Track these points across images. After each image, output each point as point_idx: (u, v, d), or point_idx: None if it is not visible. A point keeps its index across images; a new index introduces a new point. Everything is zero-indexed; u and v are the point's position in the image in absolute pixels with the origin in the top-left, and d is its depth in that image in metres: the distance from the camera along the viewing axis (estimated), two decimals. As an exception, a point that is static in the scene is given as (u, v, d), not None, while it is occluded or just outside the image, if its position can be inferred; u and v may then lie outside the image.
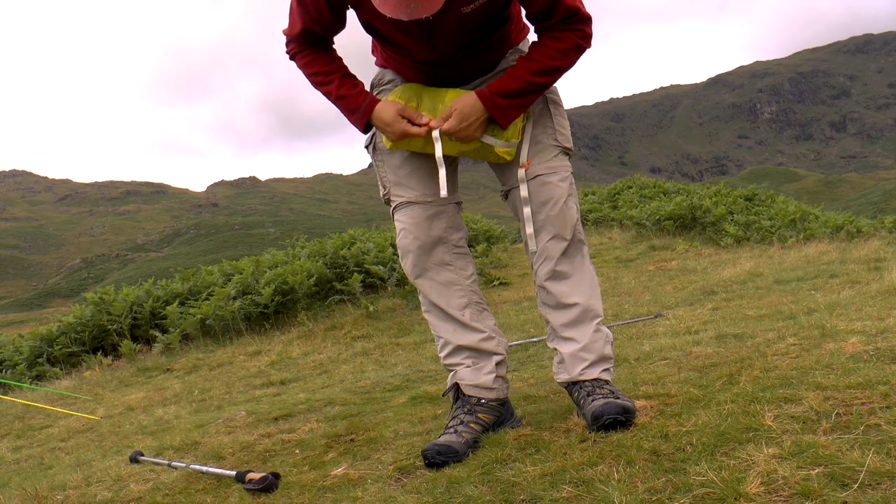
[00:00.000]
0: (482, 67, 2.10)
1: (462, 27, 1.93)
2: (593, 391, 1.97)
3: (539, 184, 2.06)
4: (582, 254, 2.09)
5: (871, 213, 29.99)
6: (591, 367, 2.02)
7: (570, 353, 2.03)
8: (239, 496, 1.97)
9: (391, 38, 2.01)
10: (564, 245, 2.05)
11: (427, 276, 2.11)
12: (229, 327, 6.72)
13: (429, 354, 4.52)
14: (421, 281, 2.12)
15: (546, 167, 2.07)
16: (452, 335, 2.10)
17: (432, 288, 2.10)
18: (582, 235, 2.11)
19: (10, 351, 7.34)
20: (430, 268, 2.10)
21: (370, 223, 12.93)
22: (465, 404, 2.06)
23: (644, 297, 5.62)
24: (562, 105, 2.20)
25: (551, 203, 2.04)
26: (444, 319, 2.10)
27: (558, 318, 2.07)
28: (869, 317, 2.98)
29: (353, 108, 2.03)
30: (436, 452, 1.87)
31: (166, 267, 61.03)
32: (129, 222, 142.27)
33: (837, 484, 1.34)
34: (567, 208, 2.05)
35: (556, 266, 2.05)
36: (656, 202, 12.11)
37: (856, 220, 9.80)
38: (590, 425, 1.88)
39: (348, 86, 2.04)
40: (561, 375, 2.07)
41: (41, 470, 3.21)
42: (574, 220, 2.07)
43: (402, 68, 2.15)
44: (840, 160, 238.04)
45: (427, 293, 2.12)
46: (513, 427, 2.06)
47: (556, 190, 2.05)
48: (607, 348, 2.06)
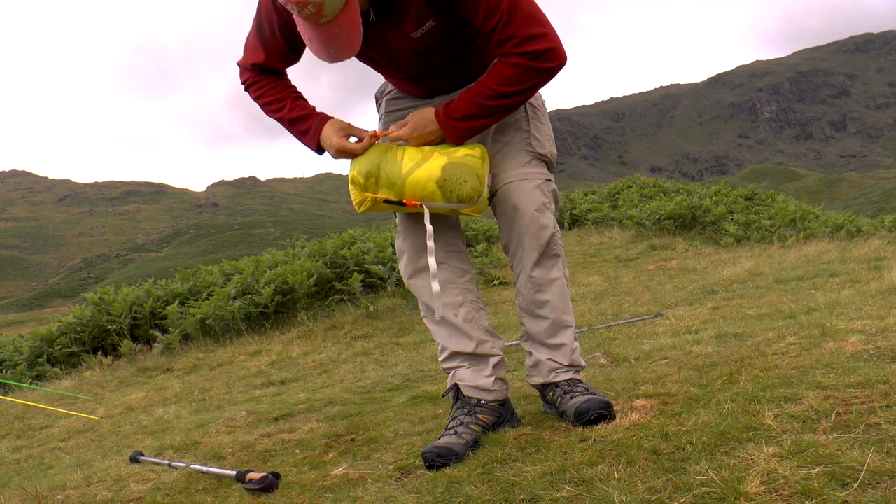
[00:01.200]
0: (470, 78, 2.07)
1: (421, 50, 1.95)
2: (570, 390, 2.03)
3: (511, 190, 2.02)
4: (556, 267, 2.07)
5: (871, 212, 30.00)
6: (564, 371, 2.08)
7: (544, 360, 2.09)
8: (239, 496, 1.97)
9: (364, 63, 2.07)
10: (536, 256, 2.04)
11: (420, 275, 2.12)
12: (229, 327, 6.72)
13: (429, 354, 4.52)
14: (414, 281, 2.14)
15: (518, 173, 2.03)
16: (448, 341, 2.11)
17: (425, 288, 2.11)
18: (556, 250, 2.06)
19: (10, 351, 7.33)
20: (423, 268, 2.10)
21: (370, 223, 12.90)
22: (464, 405, 2.06)
23: (644, 296, 5.62)
24: (541, 109, 2.15)
25: (520, 213, 2.01)
26: (440, 324, 2.11)
27: (532, 325, 2.11)
28: (869, 316, 2.98)
29: (304, 129, 2.04)
30: (436, 455, 1.87)
31: (166, 267, 61.03)
32: (129, 222, 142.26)
33: (837, 483, 1.34)
34: (539, 219, 2.00)
35: (530, 273, 2.06)
36: (656, 202, 12.11)
37: (856, 219, 9.80)
38: (573, 421, 1.93)
39: (298, 109, 2.04)
40: (535, 378, 2.13)
41: (41, 470, 3.21)
42: (548, 233, 2.02)
43: (396, 83, 2.19)
44: (840, 159, 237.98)
45: (421, 294, 2.13)
46: (513, 427, 2.06)
47: (527, 199, 2.01)
48: (577, 356, 2.11)
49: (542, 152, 2.09)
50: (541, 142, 2.09)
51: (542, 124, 2.13)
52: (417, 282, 2.12)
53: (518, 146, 2.07)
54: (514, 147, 2.07)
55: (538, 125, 2.11)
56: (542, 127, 2.12)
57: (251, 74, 2.08)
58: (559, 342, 2.08)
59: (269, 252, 8.72)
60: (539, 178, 2.05)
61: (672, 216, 10.55)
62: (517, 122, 2.09)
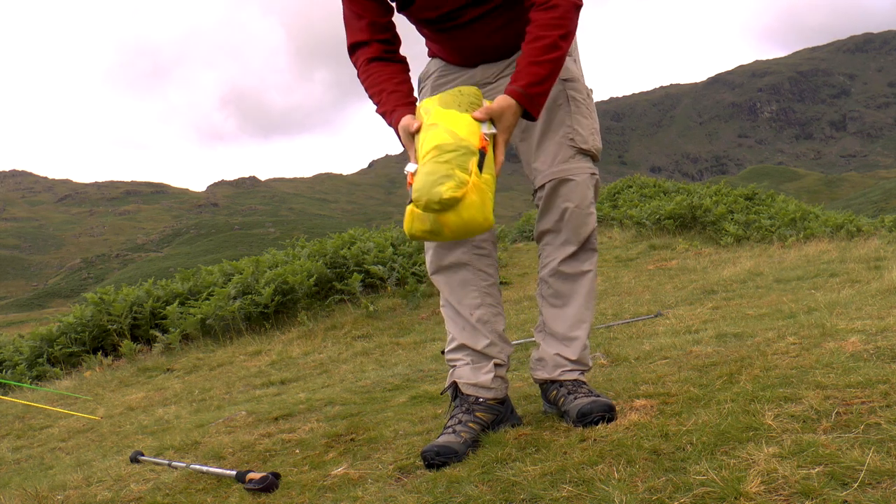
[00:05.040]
0: (513, 41, 2.05)
1: None
2: (574, 390, 2.04)
3: (557, 184, 2.03)
4: (590, 261, 2.09)
5: (872, 212, 30.00)
6: (570, 370, 2.09)
7: (553, 355, 2.10)
8: (239, 496, 1.97)
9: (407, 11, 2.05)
10: (573, 249, 2.06)
11: (443, 273, 2.13)
12: (229, 327, 6.72)
13: (429, 354, 4.52)
14: (437, 277, 2.15)
15: (562, 169, 2.04)
16: (460, 333, 2.11)
17: (447, 285, 2.13)
18: (594, 244, 2.09)
19: (10, 351, 7.34)
20: (447, 266, 2.11)
21: (370, 223, 12.90)
22: (463, 403, 2.06)
23: (644, 296, 5.62)
24: (585, 102, 2.12)
25: (569, 209, 2.02)
26: (456, 316, 2.12)
27: (551, 315, 2.12)
28: (869, 316, 2.98)
29: (390, 124, 2.04)
30: (435, 454, 1.87)
31: (166, 267, 61.03)
32: (129, 222, 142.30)
33: (837, 483, 1.34)
34: (583, 216, 2.02)
35: (559, 266, 2.07)
36: (656, 201, 12.11)
37: (856, 219, 9.81)
38: (575, 421, 1.94)
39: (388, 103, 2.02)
40: (539, 373, 2.13)
41: (41, 470, 3.21)
42: (589, 229, 2.04)
43: (443, 50, 2.18)
44: (840, 159, 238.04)
45: (442, 289, 2.15)
46: (513, 426, 2.07)
47: (573, 195, 2.02)
48: (586, 353, 2.12)
49: (584, 147, 2.07)
50: (584, 136, 2.08)
51: (585, 118, 2.11)
52: (440, 278, 2.15)
53: (561, 142, 2.06)
54: (557, 143, 2.06)
55: (580, 119, 2.09)
56: (584, 121, 2.10)
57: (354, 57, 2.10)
58: (574, 335, 2.09)
59: (269, 252, 8.72)
60: (585, 172, 2.05)
61: (672, 216, 10.55)
62: (560, 118, 2.08)
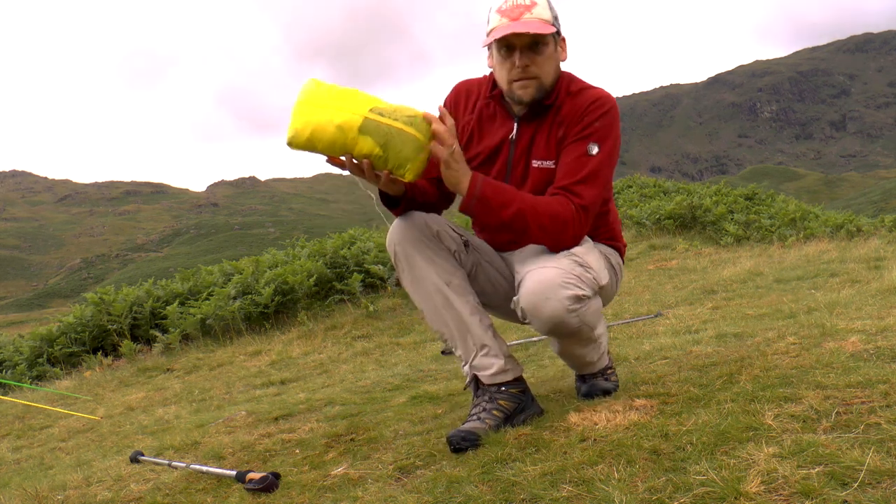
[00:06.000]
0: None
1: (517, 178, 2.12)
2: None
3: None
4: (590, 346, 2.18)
5: (872, 212, 29.98)
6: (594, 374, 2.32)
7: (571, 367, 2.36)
8: (239, 496, 1.97)
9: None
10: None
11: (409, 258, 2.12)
12: (229, 327, 6.72)
13: (429, 354, 4.52)
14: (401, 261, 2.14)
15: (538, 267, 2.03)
16: (447, 328, 2.12)
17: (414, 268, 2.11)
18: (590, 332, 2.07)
19: (10, 351, 7.34)
20: (415, 250, 2.09)
21: (370, 223, 12.93)
22: (485, 393, 2.10)
23: (644, 296, 5.61)
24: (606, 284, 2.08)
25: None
26: (433, 313, 2.11)
27: (561, 355, 2.30)
28: (869, 316, 2.98)
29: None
30: (461, 438, 1.92)
31: (166, 267, 61.04)
32: (129, 222, 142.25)
33: (837, 483, 1.34)
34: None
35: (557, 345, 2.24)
36: (656, 201, 12.11)
37: (856, 219, 9.81)
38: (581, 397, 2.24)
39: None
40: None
41: (41, 470, 3.21)
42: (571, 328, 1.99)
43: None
44: (840, 159, 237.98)
45: (408, 286, 2.15)
46: (533, 415, 2.11)
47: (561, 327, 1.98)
48: (603, 360, 2.30)
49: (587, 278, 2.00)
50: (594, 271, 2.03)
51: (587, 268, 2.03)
52: (405, 263, 2.17)
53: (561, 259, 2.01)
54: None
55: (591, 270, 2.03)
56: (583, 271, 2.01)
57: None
58: (586, 362, 2.24)
59: (269, 252, 8.72)
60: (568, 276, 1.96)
61: (672, 216, 10.55)
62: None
